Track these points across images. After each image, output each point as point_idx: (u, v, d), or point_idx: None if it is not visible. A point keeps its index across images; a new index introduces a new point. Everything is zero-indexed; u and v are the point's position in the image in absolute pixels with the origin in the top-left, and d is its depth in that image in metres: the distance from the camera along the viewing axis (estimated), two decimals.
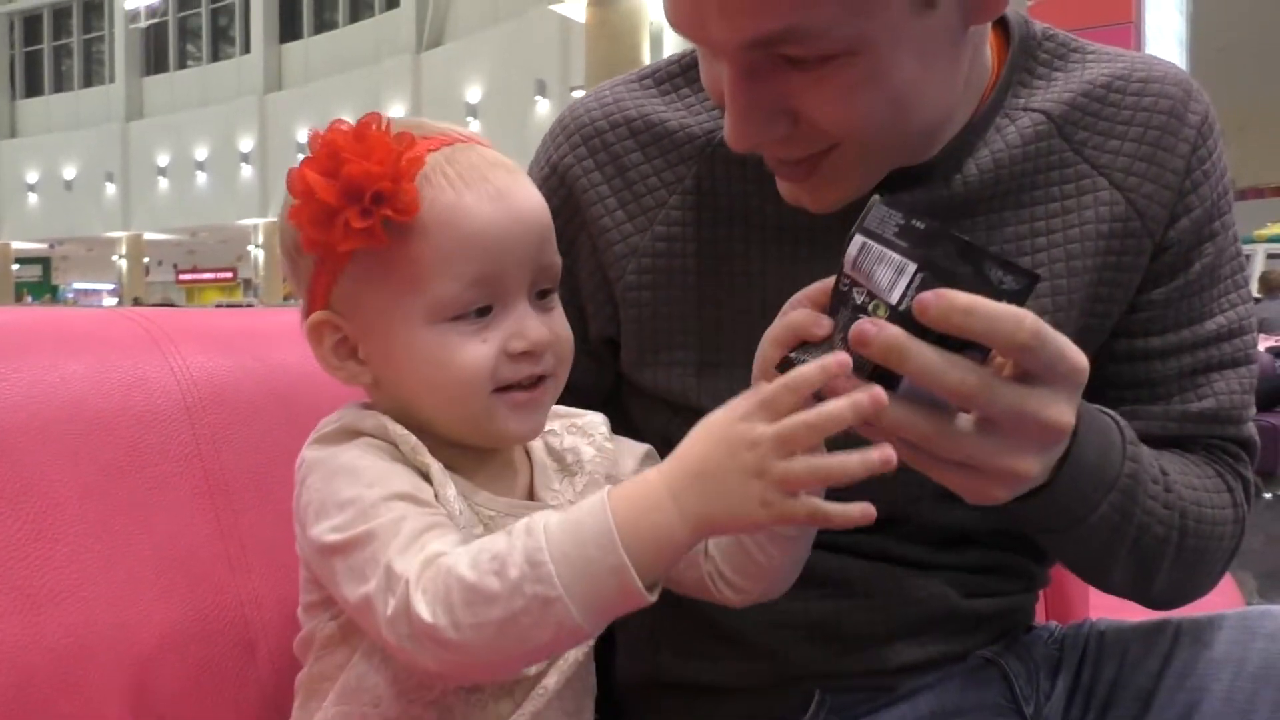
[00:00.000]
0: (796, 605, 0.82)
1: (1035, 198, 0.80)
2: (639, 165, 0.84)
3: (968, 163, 0.79)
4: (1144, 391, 0.82)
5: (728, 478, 0.56)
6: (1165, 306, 0.81)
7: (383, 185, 0.63)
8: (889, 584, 0.82)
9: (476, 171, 0.67)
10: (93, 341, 0.87)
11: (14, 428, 0.77)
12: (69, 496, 0.78)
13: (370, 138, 0.64)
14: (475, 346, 0.66)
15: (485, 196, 0.66)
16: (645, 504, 0.57)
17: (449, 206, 0.65)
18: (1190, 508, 0.78)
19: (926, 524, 0.82)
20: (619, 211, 0.83)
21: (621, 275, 0.84)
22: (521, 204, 0.68)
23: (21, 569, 0.74)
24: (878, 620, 0.82)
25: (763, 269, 0.81)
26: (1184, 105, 0.81)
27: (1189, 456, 0.82)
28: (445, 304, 0.66)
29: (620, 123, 0.85)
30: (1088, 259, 0.80)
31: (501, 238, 0.66)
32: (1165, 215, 0.80)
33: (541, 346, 0.67)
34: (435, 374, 0.67)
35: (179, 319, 0.94)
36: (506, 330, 0.67)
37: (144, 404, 0.85)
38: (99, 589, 0.77)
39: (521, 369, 0.67)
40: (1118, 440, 0.72)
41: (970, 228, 0.79)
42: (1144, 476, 0.74)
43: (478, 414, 0.67)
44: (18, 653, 0.72)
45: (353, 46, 20.24)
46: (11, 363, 0.80)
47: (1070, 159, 0.80)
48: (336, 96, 19.64)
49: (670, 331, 0.83)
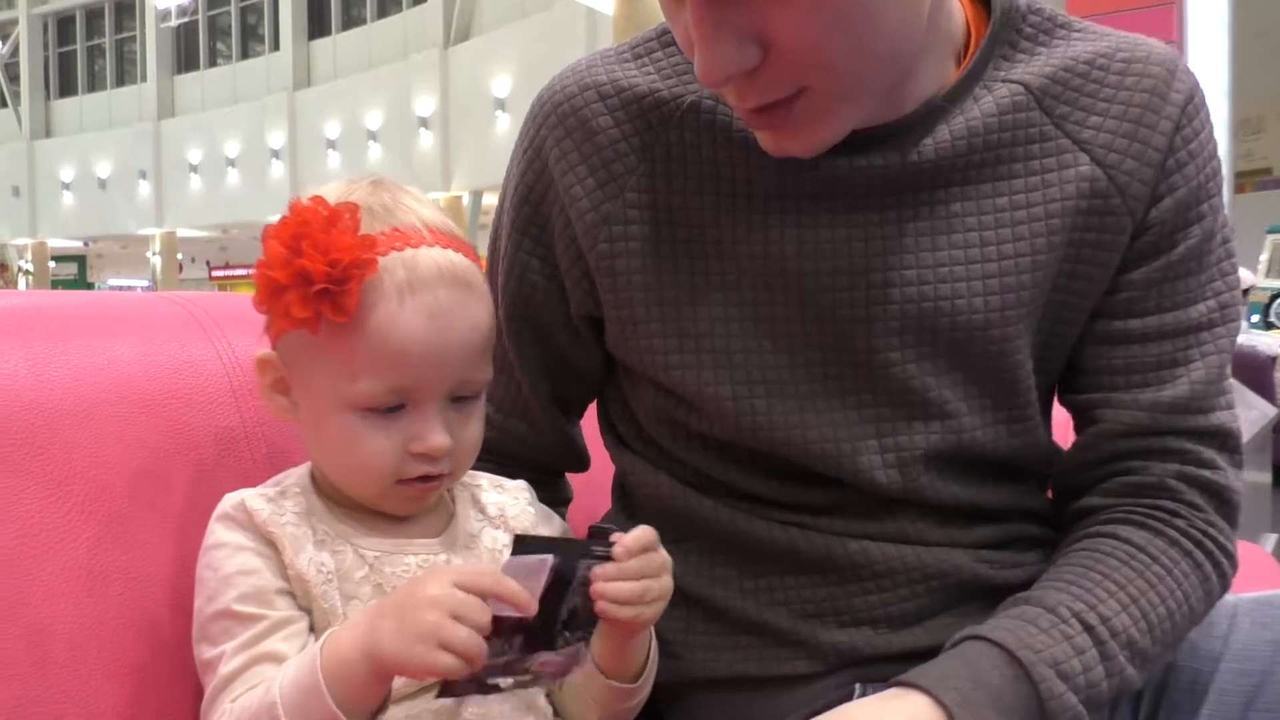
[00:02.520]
0: (821, 592, 0.82)
1: (1014, 170, 0.79)
2: (608, 130, 0.82)
3: (940, 128, 0.77)
4: (1119, 378, 0.81)
5: (398, 616, 0.64)
6: (1145, 288, 0.80)
7: (328, 285, 0.68)
8: (910, 563, 0.81)
9: (426, 284, 0.71)
10: (138, 325, 0.87)
11: (62, 410, 0.77)
12: (118, 479, 0.78)
13: (335, 230, 0.68)
14: (379, 440, 0.72)
15: (423, 312, 0.70)
16: (343, 652, 0.65)
17: (387, 316, 0.70)
18: (1153, 646, 0.76)
19: (932, 501, 0.81)
20: (589, 179, 0.82)
21: (594, 245, 0.83)
22: (458, 324, 0.72)
23: (72, 551, 0.74)
24: (905, 600, 0.81)
25: (734, 236, 0.80)
26: (1167, 84, 0.79)
27: (1156, 564, 0.78)
28: (361, 398, 0.71)
29: (589, 87, 0.83)
30: (1065, 233, 0.78)
31: (428, 355, 0.71)
32: (1147, 194, 0.79)
33: (439, 453, 0.72)
34: (342, 454, 0.74)
35: (222, 303, 0.94)
36: (411, 431, 0.72)
37: (191, 387, 0.84)
38: (149, 571, 0.77)
39: (419, 467, 0.73)
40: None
41: (945, 198, 0.78)
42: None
43: (374, 495, 0.75)
44: (71, 633, 0.72)
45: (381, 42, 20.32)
46: (58, 345, 0.80)
47: (1050, 132, 0.79)
48: (365, 92, 19.74)
49: (646, 303, 0.82)
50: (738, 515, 0.83)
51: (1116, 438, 0.81)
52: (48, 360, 0.79)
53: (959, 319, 0.78)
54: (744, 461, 0.83)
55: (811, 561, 0.82)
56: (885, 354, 0.79)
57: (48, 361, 0.79)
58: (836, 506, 0.82)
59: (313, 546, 0.73)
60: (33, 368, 0.78)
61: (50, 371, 0.78)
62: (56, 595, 0.72)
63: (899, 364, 0.79)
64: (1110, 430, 0.81)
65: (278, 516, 0.73)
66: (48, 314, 0.84)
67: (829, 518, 0.82)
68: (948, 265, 0.78)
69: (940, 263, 0.78)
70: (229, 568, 0.72)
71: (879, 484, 0.80)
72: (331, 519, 0.75)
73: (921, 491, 0.81)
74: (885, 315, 0.78)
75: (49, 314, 0.84)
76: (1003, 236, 0.79)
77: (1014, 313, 0.79)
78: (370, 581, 0.73)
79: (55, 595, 0.72)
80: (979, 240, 0.79)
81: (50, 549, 0.73)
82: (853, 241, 0.78)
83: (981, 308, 0.79)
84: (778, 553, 0.82)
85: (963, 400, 0.80)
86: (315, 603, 0.71)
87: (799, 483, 0.82)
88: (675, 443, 0.86)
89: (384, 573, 0.73)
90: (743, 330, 0.81)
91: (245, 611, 0.70)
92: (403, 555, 0.74)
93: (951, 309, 0.78)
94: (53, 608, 0.72)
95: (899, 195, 0.78)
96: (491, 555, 0.78)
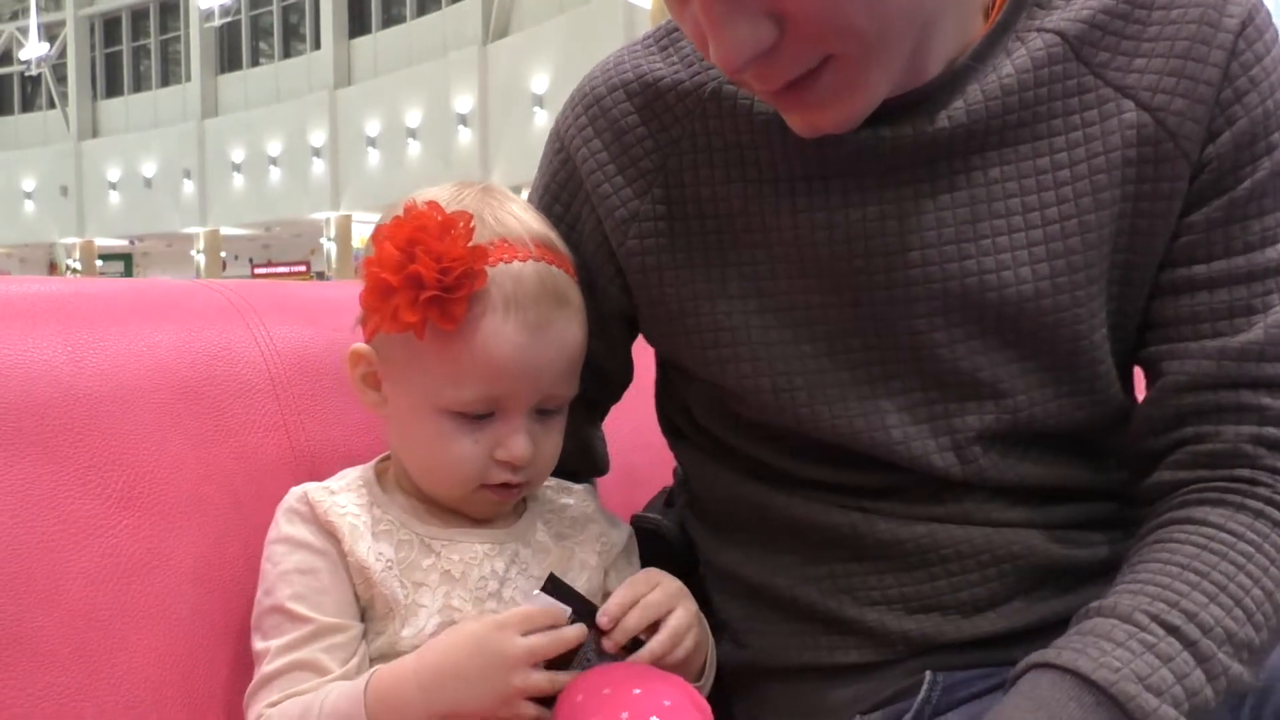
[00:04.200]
0: (886, 578, 0.79)
1: (1054, 127, 0.74)
2: (635, 129, 0.81)
3: (971, 88, 0.73)
4: (1186, 328, 0.75)
5: (477, 681, 0.67)
6: (1208, 230, 0.74)
7: (439, 292, 0.69)
8: (979, 545, 0.77)
9: (530, 299, 0.72)
10: (177, 312, 0.87)
11: (102, 396, 0.77)
12: (157, 466, 0.77)
13: (450, 238, 0.69)
14: (466, 445, 0.73)
15: (525, 326, 0.72)
16: (395, 698, 0.68)
17: (492, 329, 0.71)
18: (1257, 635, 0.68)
19: (996, 483, 0.78)
20: (618, 177, 0.81)
21: (623, 241, 0.82)
22: (554, 339, 0.74)
23: (111, 537, 0.74)
24: (976, 584, 0.78)
25: (763, 224, 0.78)
26: (1218, 10, 0.73)
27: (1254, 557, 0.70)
28: (456, 403, 0.73)
29: (618, 86, 0.82)
30: (1115, 189, 0.73)
31: (524, 368, 0.72)
32: (1201, 132, 0.73)
33: (522, 462, 0.74)
34: (429, 454, 0.75)
35: (262, 290, 0.93)
36: (496, 438, 0.73)
37: (229, 374, 0.84)
38: (187, 558, 0.77)
39: (501, 474, 0.74)
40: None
41: (982, 164, 0.74)
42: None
43: (457, 497, 0.76)
44: (109, 621, 0.72)
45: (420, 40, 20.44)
46: (97, 332, 0.80)
47: (1090, 83, 0.74)
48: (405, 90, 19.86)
49: (679, 298, 0.81)
50: (795, 501, 0.81)
51: (1183, 391, 0.75)
52: (87, 347, 0.78)
53: (1006, 293, 0.74)
54: (798, 449, 0.81)
55: (874, 547, 0.79)
56: (929, 335, 0.76)
57: (87, 348, 0.78)
58: (897, 490, 0.79)
59: (372, 536, 0.74)
60: (72, 354, 0.77)
61: (89, 358, 0.78)
62: (95, 582, 0.72)
63: (945, 345, 0.76)
64: (1176, 383, 0.75)
65: (338, 508, 0.74)
66: (87, 301, 0.83)
67: (890, 501, 0.79)
68: (989, 236, 0.74)
69: (981, 234, 0.74)
70: (287, 564, 0.73)
71: (936, 468, 0.77)
72: (396, 509, 0.76)
73: (984, 473, 0.77)
74: (926, 295, 0.75)
75: (89, 301, 0.84)
76: (1046, 200, 0.74)
77: (1066, 280, 0.74)
78: (438, 569, 0.73)
79: (94, 582, 0.72)
80: (1021, 206, 0.74)
81: (89, 536, 0.73)
82: (885, 220, 0.75)
83: (1029, 278, 0.74)
84: (839, 539, 0.80)
85: (1018, 378, 0.76)
86: (376, 589, 0.72)
87: (856, 468, 0.79)
88: (728, 432, 0.85)
89: (452, 560, 0.74)
90: (779, 320, 0.78)
91: (296, 611, 0.72)
92: (470, 544, 0.75)
93: (997, 283, 0.74)
94: (92, 595, 0.72)
95: (931, 165, 0.74)
96: (563, 550, 0.79)
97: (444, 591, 0.73)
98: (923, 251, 0.75)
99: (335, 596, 0.72)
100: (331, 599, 0.72)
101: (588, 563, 0.79)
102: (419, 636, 0.71)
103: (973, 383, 0.76)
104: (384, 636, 0.72)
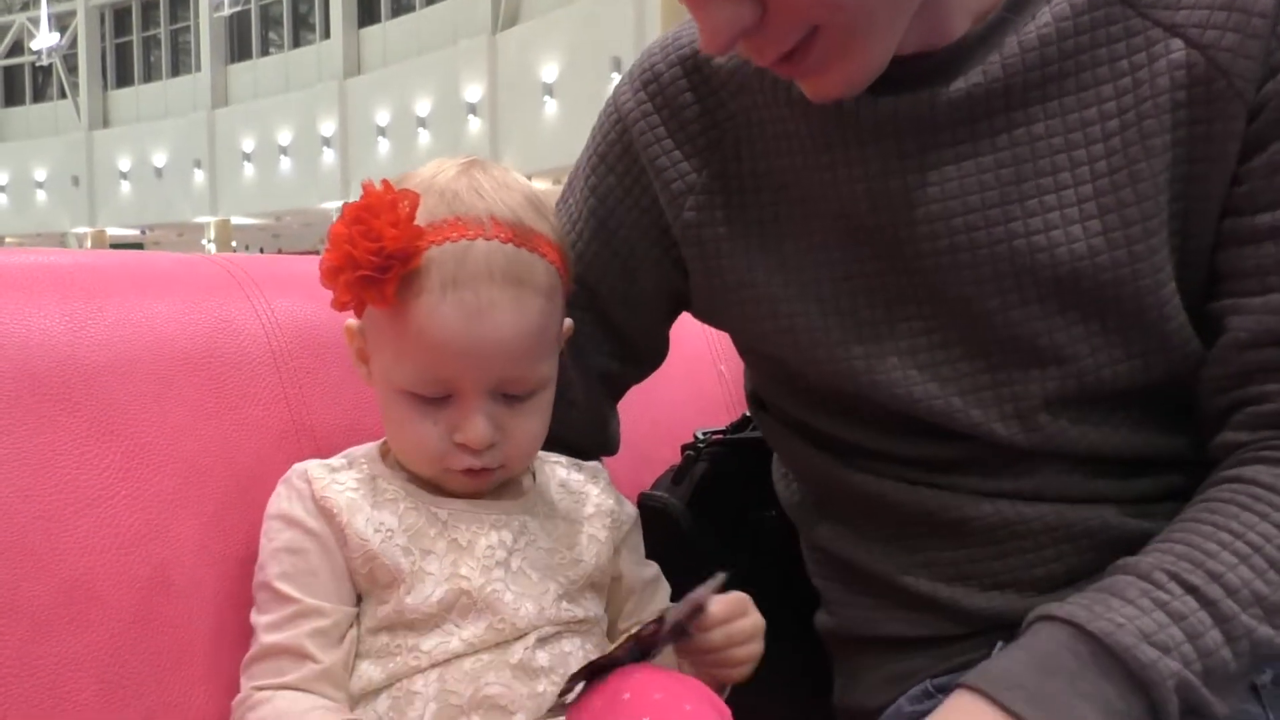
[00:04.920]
0: (960, 554, 0.78)
1: (1099, 75, 0.70)
2: (691, 106, 0.81)
3: (1007, 41, 0.70)
4: (1250, 281, 0.70)
5: None
6: (1270, 175, 0.69)
7: (371, 272, 0.68)
8: (1052, 522, 0.75)
9: (471, 279, 0.70)
10: (178, 284, 0.86)
11: (101, 366, 0.76)
12: (157, 436, 0.77)
13: (388, 217, 0.68)
14: (426, 427, 0.73)
15: (461, 309, 0.69)
16: None
17: (426, 309, 0.70)
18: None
19: (1068, 452, 0.75)
20: (675, 152, 0.82)
21: (680, 214, 0.82)
22: (498, 323, 0.70)
23: (110, 507, 0.73)
24: (1051, 560, 0.76)
25: (811, 194, 0.77)
26: None
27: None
28: (405, 383, 0.72)
29: (675, 63, 0.82)
30: (1165, 134, 0.69)
31: (464, 349, 0.70)
32: (1256, 69, 0.68)
33: (478, 445, 0.72)
34: (396, 432, 0.75)
35: (262, 264, 0.93)
36: (454, 421, 0.72)
37: (230, 346, 0.83)
38: (186, 529, 0.76)
39: (463, 458, 0.73)
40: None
41: (1025, 119, 0.71)
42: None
43: (429, 475, 0.75)
44: (107, 590, 0.71)
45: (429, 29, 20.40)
46: (96, 302, 0.79)
47: (1136, 25, 0.70)
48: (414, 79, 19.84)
49: (735, 271, 0.80)
50: (868, 478, 0.80)
51: (1245, 349, 0.71)
52: (85, 317, 0.78)
53: (1058, 254, 0.71)
54: (862, 420, 0.79)
55: (946, 523, 0.77)
56: (980, 302, 0.73)
57: (85, 318, 0.78)
58: (965, 462, 0.77)
59: (371, 507, 0.73)
60: (70, 324, 0.77)
61: (88, 328, 0.77)
62: (91, 551, 0.71)
63: (999, 311, 0.73)
64: (1238, 340, 0.71)
65: (336, 485, 0.74)
66: (86, 272, 0.83)
67: (960, 475, 0.77)
68: (1035, 196, 0.71)
69: (1027, 195, 0.71)
70: (278, 541, 0.73)
71: (1000, 437, 0.75)
72: (402, 481, 0.75)
73: (1052, 441, 0.74)
74: (972, 262, 0.72)
75: (88, 272, 0.83)
76: (1095, 154, 0.70)
77: (1120, 234, 0.70)
78: (445, 538, 0.73)
79: (90, 551, 0.71)
80: (1068, 162, 0.71)
81: (87, 506, 0.72)
82: (927, 186, 0.72)
83: (1081, 235, 0.71)
84: (911, 515, 0.79)
85: (1081, 341, 0.73)
86: (377, 560, 0.71)
87: (922, 438, 0.77)
88: (793, 405, 0.84)
89: (459, 529, 0.73)
90: (834, 291, 0.77)
91: (282, 590, 0.72)
92: (476, 514, 0.74)
93: (1047, 243, 0.71)
94: (89, 564, 0.71)
95: (970, 126, 0.71)
96: (570, 525, 0.78)
97: (451, 560, 0.72)
98: (965, 217, 0.72)
99: (324, 578, 0.72)
100: (319, 580, 0.71)
101: (597, 538, 0.78)
102: (426, 604, 0.71)
103: (1031, 349, 0.73)
104: (389, 605, 0.71)
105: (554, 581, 0.74)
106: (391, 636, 0.71)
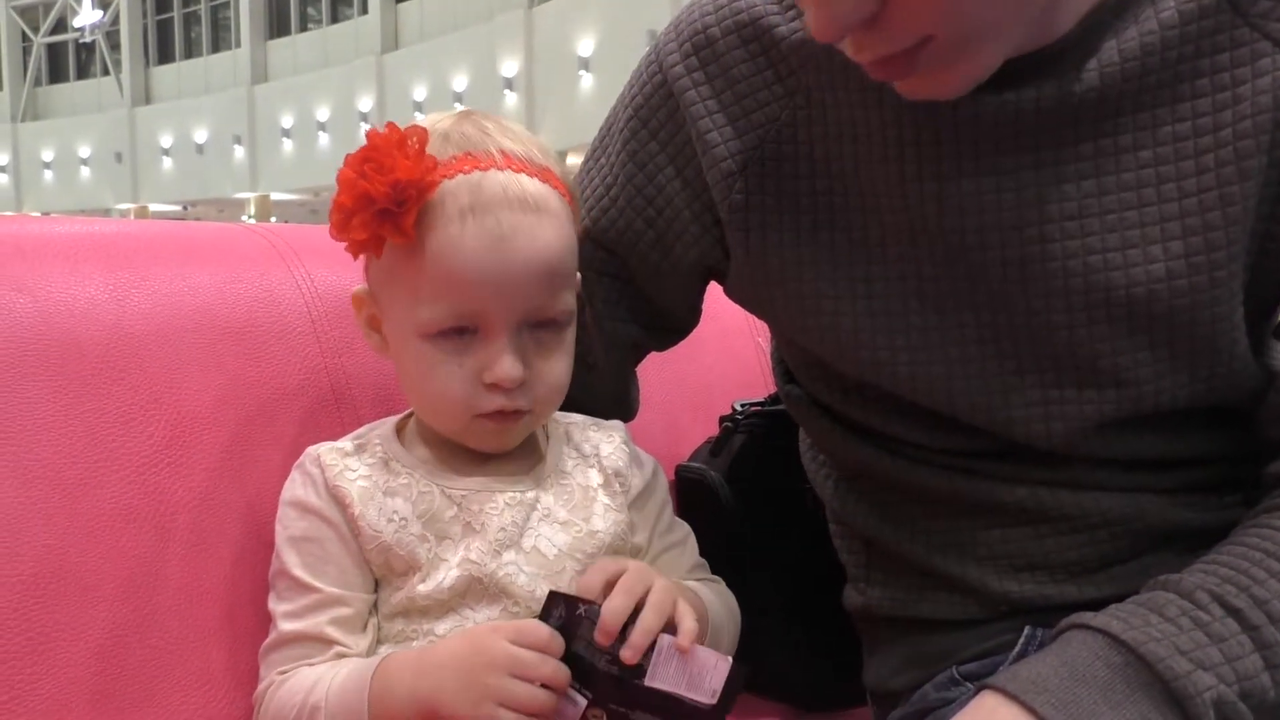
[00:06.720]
0: (994, 534, 0.76)
1: (1198, 88, 0.66)
2: (750, 77, 0.75)
3: (1107, 46, 0.65)
4: None
5: (457, 674, 0.65)
6: None
7: (389, 206, 0.67)
8: (1088, 508, 0.74)
9: (490, 207, 0.68)
10: (219, 254, 0.86)
11: (145, 335, 0.77)
12: (200, 405, 0.77)
13: (399, 153, 0.67)
14: (452, 368, 0.70)
15: (485, 235, 0.68)
16: (392, 678, 0.67)
17: (448, 239, 0.68)
18: None
19: (1105, 457, 0.73)
20: (727, 127, 0.76)
21: (727, 195, 0.76)
22: (521, 248, 0.69)
23: (154, 475, 0.74)
24: (1085, 545, 0.74)
25: (874, 189, 0.72)
26: None
27: None
28: (427, 323, 0.70)
29: (732, 29, 0.76)
30: (1261, 155, 0.65)
31: (490, 278, 0.68)
32: None
33: (509, 383, 0.70)
34: (420, 386, 0.73)
35: (303, 234, 0.93)
36: (482, 360, 0.70)
37: (270, 316, 0.84)
38: (231, 496, 0.77)
39: (495, 400, 0.71)
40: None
41: (1113, 129, 0.66)
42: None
43: (457, 430, 0.73)
44: (150, 557, 0.72)
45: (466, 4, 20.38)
46: (139, 272, 0.80)
47: (1244, 35, 0.65)
48: (451, 54, 19.84)
49: (782, 259, 0.76)
50: (900, 462, 0.78)
51: None
52: (129, 286, 0.78)
53: (1134, 274, 0.67)
54: (902, 412, 0.77)
55: (978, 506, 0.76)
56: (1046, 317, 0.69)
57: (130, 287, 0.78)
58: (1001, 452, 0.75)
59: (384, 495, 0.72)
60: (114, 293, 0.77)
61: (132, 297, 0.78)
62: (138, 520, 0.72)
63: (1064, 328, 0.69)
64: None
65: (349, 473, 0.72)
66: (131, 241, 0.83)
67: (995, 462, 0.75)
68: (1116, 211, 0.67)
69: (1108, 209, 0.67)
70: (295, 530, 0.72)
71: (1042, 445, 0.73)
72: (416, 462, 0.74)
73: (1095, 453, 0.72)
74: (1045, 274, 0.68)
75: (132, 241, 0.83)
76: (1184, 170, 0.66)
77: (1203, 259, 0.67)
78: (460, 521, 0.72)
79: (137, 520, 0.72)
80: (1155, 178, 0.66)
81: (134, 473, 0.73)
82: (1002, 192, 0.68)
83: (1161, 257, 0.67)
84: (943, 497, 0.77)
85: (1145, 366, 0.70)
86: (392, 551, 0.71)
87: (957, 432, 0.75)
88: (825, 392, 0.82)
89: (473, 510, 0.72)
90: (886, 290, 0.73)
91: (301, 579, 0.71)
92: (490, 494, 0.73)
93: (1124, 262, 0.67)
94: (135, 532, 0.72)
95: (1056, 133, 0.67)
96: (584, 493, 0.76)
97: (465, 544, 0.71)
98: (1041, 228, 0.68)
99: (340, 566, 0.71)
100: (336, 568, 0.71)
101: (610, 505, 0.76)
102: (437, 590, 0.70)
103: (1091, 370, 0.70)
104: (402, 592, 0.71)
105: (571, 559, 0.72)
106: (407, 622, 0.71)
